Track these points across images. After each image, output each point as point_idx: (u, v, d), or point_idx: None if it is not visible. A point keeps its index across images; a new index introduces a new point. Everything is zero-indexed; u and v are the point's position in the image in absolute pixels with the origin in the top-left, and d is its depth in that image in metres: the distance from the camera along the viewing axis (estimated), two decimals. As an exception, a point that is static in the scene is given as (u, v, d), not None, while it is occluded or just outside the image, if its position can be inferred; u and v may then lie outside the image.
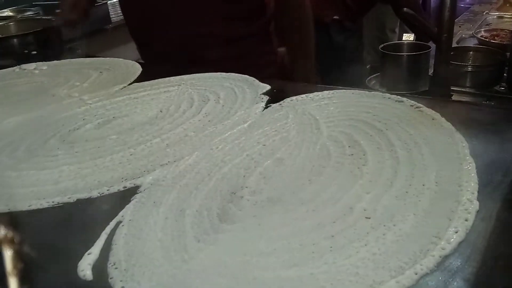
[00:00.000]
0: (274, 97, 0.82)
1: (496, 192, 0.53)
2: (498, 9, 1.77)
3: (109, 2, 2.07)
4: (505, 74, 1.12)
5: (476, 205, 0.50)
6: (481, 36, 1.36)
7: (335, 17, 1.49)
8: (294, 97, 0.80)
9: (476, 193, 0.52)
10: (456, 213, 0.49)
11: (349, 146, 0.64)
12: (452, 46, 1.13)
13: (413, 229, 0.47)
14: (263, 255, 0.46)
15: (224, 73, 0.94)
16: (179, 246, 0.48)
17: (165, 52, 1.08)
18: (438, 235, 0.46)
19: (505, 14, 1.68)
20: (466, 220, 0.48)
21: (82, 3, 1.20)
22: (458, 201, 0.51)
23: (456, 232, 0.46)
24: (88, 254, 0.48)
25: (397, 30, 1.98)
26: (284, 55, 1.17)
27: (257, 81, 0.88)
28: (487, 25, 1.58)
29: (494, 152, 0.60)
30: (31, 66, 1.06)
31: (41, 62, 1.08)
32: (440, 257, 0.44)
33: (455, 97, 1.04)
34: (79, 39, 1.59)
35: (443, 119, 0.68)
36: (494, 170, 0.56)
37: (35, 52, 1.25)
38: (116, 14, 2.13)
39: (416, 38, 1.21)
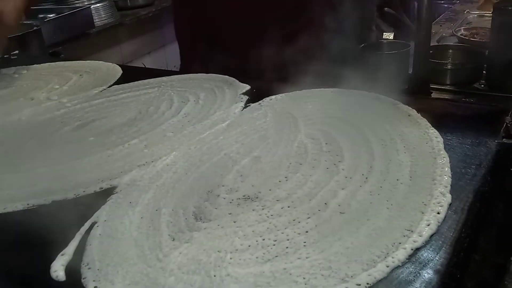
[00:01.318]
0: (254, 96, 0.82)
1: (469, 186, 0.53)
2: (479, 8, 1.79)
3: (92, 6, 2.06)
4: (484, 72, 1.13)
5: (448, 198, 0.50)
6: (461, 34, 1.37)
7: None
8: (273, 96, 0.81)
9: (449, 187, 0.52)
10: (429, 206, 0.49)
11: (326, 143, 0.65)
12: (432, 44, 1.14)
13: (386, 223, 0.48)
14: (238, 251, 0.46)
15: (204, 74, 0.94)
16: (153, 245, 0.48)
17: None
18: (410, 228, 0.46)
19: (485, 13, 1.69)
20: (438, 213, 0.48)
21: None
22: (431, 195, 0.51)
23: (428, 225, 0.47)
24: (62, 255, 0.47)
25: (374, 28, 1.99)
26: None
27: (237, 81, 0.88)
28: (467, 23, 1.60)
29: (468, 147, 0.61)
30: (10, 70, 1.05)
31: (20, 66, 1.07)
32: (412, 249, 0.44)
33: (434, 95, 1.04)
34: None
35: (419, 115, 0.69)
36: (467, 164, 0.57)
37: (15, 57, 1.24)
38: (99, 18, 2.13)
39: (396, 37, 1.22)
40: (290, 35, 1.08)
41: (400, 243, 0.45)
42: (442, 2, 2.08)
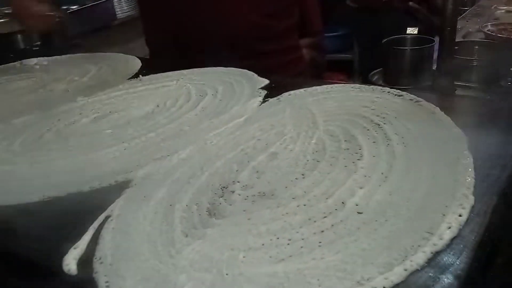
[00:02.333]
0: (272, 91, 0.81)
1: (493, 187, 0.51)
2: (506, 3, 1.73)
3: (114, -2, 2.07)
4: (511, 69, 1.10)
5: (471, 200, 0.48)
6: (488, 30, 1.33)
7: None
8: (292, 92, 0.79)
9: (472, 188, 0.50)
10: (451, 208, 0.47)
11: (345, 141, 0.63)
12: (458, 40, 1.11)
13: (405, 224, 0.46)
14: (251, 250, 0.45)
15: (223, 68, 0.93)
16: (166, 241, 0.47)
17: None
18: (430, 231, 0.45)
19: (514, 8, 1.64)
20: (460, 215, 0.46)
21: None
22: (453, 196, 0.49)
23: (449, 228, 0.45)
24: (74, 248, 0.47)
25: None
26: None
27: (256, 75, 0.87)
28: (494, 19, 1.55)
29: (493, 147, 0.59)
30: (32, 61, 1.06)
31: (42, 58, 1.08)
32: (432, 253, 0.42)
33: (459, 92, 1.02)
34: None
35: (442, 113, 0.67)
36: (492, 165, 0.55)
37: (37, 48, 1.25)
38: (121, 10, 2.14)
39: (420, 32, 1.19)
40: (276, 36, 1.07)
41: (419, 246, 0.43)
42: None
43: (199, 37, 1.02)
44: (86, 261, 0.46)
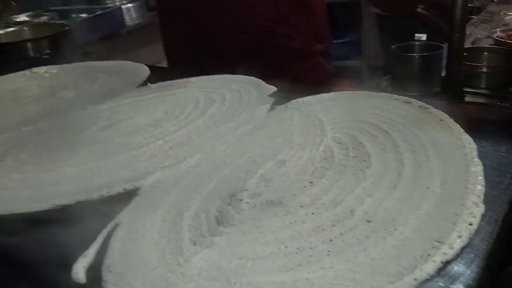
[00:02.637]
0: (280, 98, 0.81)
1: (504, 195, 0.51)
2: (516, 9, 1.73)
3: (123, 6, 2.09)
4: (521, 75, 1.09)
5: (481, 208, 0.48)
6: (497, 36, 1.33)
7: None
8: (300, 99, 0.79)
9: (482, 196, 0.50)
10: (461, 217, 0.47)
11: (353, 148, 0.63)
12: (467, 46, 1.11)
13: (415, 233, 0.46)
14: (259, 259, 0.45)
15: (231, 75, 0.93)
16: (174, 249, 0.47)
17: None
18: (440, 240, 0.44)
19: (523, 14, 1.64)
20: (471, 224, 0.46)
21: None
22: (463, 205, 0.49)
23: (460, 237, 0.44)
24: (84, 256, 0.47)
25: None
26: None
27: (263, 82, 0.87)
28: (504, 25, 1.55)
29: (503, 154, 0.58)
30: (41, 69, 1.07)
31: (51, 66, 1.08)
32: (442, 262, 0.42)
33: (468, 98, 1.01)
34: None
35: (451, 121, 0.66)
36: (502, 173, 0.54)
37: (47, 56, 1.26)
38: (130, 18, 2.15)
39: (428, 38, 1.19)
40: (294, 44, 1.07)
41: (429, 255, 0.43)
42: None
43: (218, 44, 1.02)
44: (95, 269, 0.46)
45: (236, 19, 1.03)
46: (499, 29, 1.41)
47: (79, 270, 0.46)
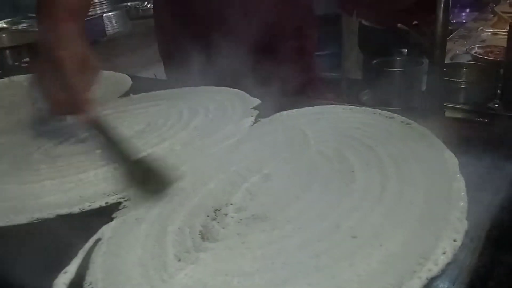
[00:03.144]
0: (264, 111, 0.81)
1: (487, 212, 0.51)
2: (492, 26, 1.77)
3: (104, 15, 2.07)
4: (498, 91, 1.12)
5: (465, 224, 0.48)
6: (475, 52, 1.36)
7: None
8: (284, 112, 0.79)
9: (465, 212, 0.50)
10: (444, 233, 0.47)
11: (338, 162, 0.63)
12: (446, 62, 1.12)
13: (400, 249, 0.46)
14: (246, 275, 0.44)
15: (215, 87, 0.93)
16: (158, 265, 0.46)
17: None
18: (425, 256, 0.44)
19: (499, 31, 1.68)
20: (455, 240, 0.46)
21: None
22: (447, 220, 0.49)
23: (444, 253, 0.45)
24: (64, 272, 0.46)
25: None
26: None
27: (247, 95, 0.87)
28: (481, 41, 1.58)
29: (484, 170, 0.59)
30: (20, 78, 1.04)
31: (31, 74, 1.06)
32: (427, 279, 0.42)
33: (448, 114, 1.03)
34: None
35: (433, 136, 0.67)
36: (484, 189, 0.55)
37: (26, 64, 1.24)
38: (111, 27, 2.14)
39: (409, 54, 1.21)
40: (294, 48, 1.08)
41: (414, 271, 0.43)
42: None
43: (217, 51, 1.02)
44: (76, 286, 0.45)
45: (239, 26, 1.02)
46: (477, 45, 1.44)
47: (60, 287, 0.44)
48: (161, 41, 1.20)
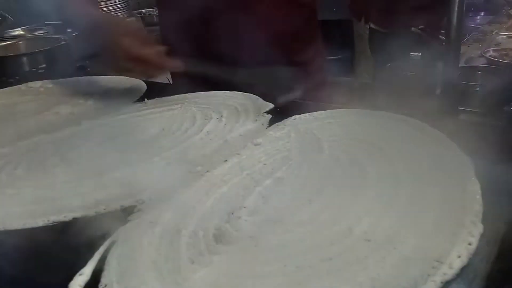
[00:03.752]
0: (277, 115, 0.81)
1: (501, 215, 0.51)
2: (507, 29, 1.76)
3: (119, 21, 2.09)
4: (514, 94, 1.10)
5: (480, 228, 0.48)
6: (490, 55, 1.35)
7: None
8: (297, 116, 0.79)
9: (480, 216, 0.50)
10: (459, 236, 0.47)
11: (350, 166, 0.63)
12: (460, 65, 1.12)
13: (414, 252, 0.46)
14: (258, 277, 0.45)
15: (228, 92, 0.93)
16: (172, 268, 0.47)
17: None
18: (440, 259, 0.44)
19: (514, 34, 1.66)
20: (470, 244, 0.46)
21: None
22: (462, 224, 0.49)
23: (459, 257, 0.44)
24: (80, 275, 0.46)
25: None
26: None
27: (260, 99, 0.87)
28: (496, 44, 1.57)
29: (500, 173, 0.59)
30: (37, 84, 1.06)
31: (47, 80, 1.08)
32: (442, 282, 0.42)
33: (462, 117, 1.02)
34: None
35: (448, 139, 0.67)
36: (499, 192, 0.55)
37: (43, 71, 1.26)
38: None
39: (422, 57, 1.20)
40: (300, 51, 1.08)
41: (429, 275, 0.43)
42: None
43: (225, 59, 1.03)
44: (91, 288, 0.45)
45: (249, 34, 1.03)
46: (491, 48, 1.43)
47: (76, 289, 0.45)
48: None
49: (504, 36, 1.67)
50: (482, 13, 2.44)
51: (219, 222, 0.53)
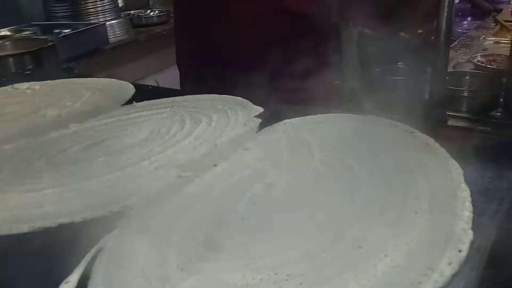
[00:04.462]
0: (267, 120, 0.80)
1: (492, 222, 0.51)
2: (494, 34, 1.77)
3: (107, 23, 2.08)
4: (501, 100, 1.11)
5: (470, 235, 0.48)
6: (478, 61, 1.36)
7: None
8: (287, 120, 0.79)
9: (470, 223, 0.50)
10: (450, 243, 0.47)
11: (341, 171, 0.63)
12: (448, 70, 1.12)
13: (405, 260, 0.46)
14: (249, 286, 0.44)
15: (217, 95, 0.93)
16: (161, 275, 0.46)
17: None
18: (431, 267, 0.44)
19: (501, 40, 1.68)
20: (460, 251, 0.46)
21: None
22: (452, 231, 0.49)
23: (450, 264, 0.44)
24: (66, 282, 0.45)
25: None
26: None
27: (250, 103, 0.87)
28: (483, 50, 1.58)
29: (489, 180, 0.59)
30: (23, 85, 1.04)
31: (34, 82, 1.06)
32: (433, 290, 0.42)
33: (450, 122, 1.02)
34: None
35: (437, 145, 0.67)
36: (489, 199, 0.55)
37: (29, 72, 1.24)
38: (114, 35, 2.14)
39: (411, 62, 1.21)
40: (302, 54, 1.08)
41: (420, 282, 0.42)
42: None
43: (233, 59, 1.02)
44: (77, 297, 0.44)
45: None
46: (479, 53, 1.44)
47: (62, 297, 0.44)
48: (180, 51, 1.23)
49: (491, 42, 1.68)
50: (469, 18, 2.47)
51: (209, 228, 0.53)
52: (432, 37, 0.91)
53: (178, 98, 0.93)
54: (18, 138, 0.79)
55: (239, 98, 0.89)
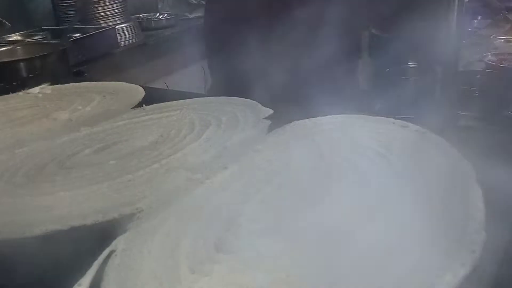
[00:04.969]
0: (277, 121, 0.80)
1: (505, 222, 0.50)
2: (505, 33, 1.76)
3: (117, 27, 2.09)
4: (513, 98, 1.10)
5: (483, 235, 0.48)
6: (488, 60, 1.35)
7: None
8: (297, 122, 0.79)
9: (483, 223, 0.50)
10: (463, 244, 0.46)
11: (351, 173, 0.62)
12: (459, 70, 1.12)
13: (417, 261, 0.45)
14: (260, 287, 0.44)
15: (226, 97, 0.93)
16: (172, 277, 0.46)
17: None
18: (443, 268, 0.44)
19: (512, 38, 1.66)
20: (473, 252, 0.45)
21: None
22: (464, 232, 0.48)
23: (463, 265, 0.44)
24: (78, 285, 0.46)
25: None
26: None
27: (259, 105, 0.87)
28: (494, 49, 1.57)
29: (502, 180, 0.58)
30: (35, 90, 1.05)
31: (45, 86, 1.07)
32: (446, 291, 0.41)
33: (462, 122, 1.02)
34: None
35: (448, 145, 0.66)
36: (502, 199, 0.54)
37: (40, 76, 1.25)
38: (124, 38, 2.15)
39: (422, 62, 1.20)
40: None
41: (432, 284, 0.42)
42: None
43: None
44: (90, 299, 0.45)
45: None
46: (490, 53, 1.43)
47: (74, 300, 0.44)
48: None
49: (502, 40, 1.67)
50: (479, 17, 2.45)
51: (220, 230, 0.53)
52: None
53: (187, 101, 0.93)
54: (30, 142, 0.80)
55: (249, 100, 0.90)
